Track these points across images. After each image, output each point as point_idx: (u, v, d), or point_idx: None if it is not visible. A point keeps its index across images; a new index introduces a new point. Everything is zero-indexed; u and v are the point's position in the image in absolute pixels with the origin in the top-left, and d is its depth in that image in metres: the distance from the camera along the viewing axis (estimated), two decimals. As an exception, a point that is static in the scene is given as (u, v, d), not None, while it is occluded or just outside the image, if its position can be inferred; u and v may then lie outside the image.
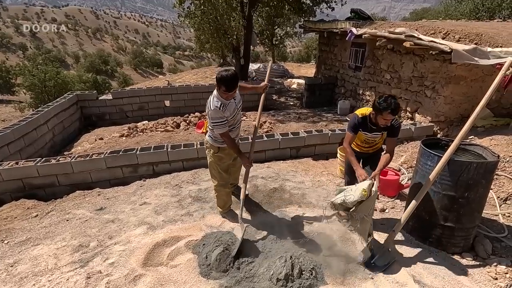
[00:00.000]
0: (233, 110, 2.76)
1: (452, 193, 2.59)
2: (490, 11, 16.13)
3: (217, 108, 2.63)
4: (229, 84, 2.53)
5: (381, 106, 2.51)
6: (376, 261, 2.56)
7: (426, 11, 29.59)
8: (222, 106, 2.65)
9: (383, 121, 2.59)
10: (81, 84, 27.94)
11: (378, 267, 2.52)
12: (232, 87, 2.55)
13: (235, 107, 2.79)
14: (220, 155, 2.94)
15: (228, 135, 2.79)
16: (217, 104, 2.64)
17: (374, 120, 2.67)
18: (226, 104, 2.68)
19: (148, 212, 3.45)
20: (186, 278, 2.41)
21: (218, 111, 2.64)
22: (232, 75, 2.53)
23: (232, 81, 2.53)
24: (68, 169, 4.22)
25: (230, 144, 2.81)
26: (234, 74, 2.55)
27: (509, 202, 3.32)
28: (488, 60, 4.40)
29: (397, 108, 2.52)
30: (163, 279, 2.40)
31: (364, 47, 7.50)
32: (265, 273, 2.30)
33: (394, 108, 2.50)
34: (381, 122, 2.61)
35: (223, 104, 2.65)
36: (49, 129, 6.19)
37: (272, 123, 6.97)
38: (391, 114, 2.51)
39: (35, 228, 3.30)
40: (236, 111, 2.81)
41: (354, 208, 2.53)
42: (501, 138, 4.35)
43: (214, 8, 8.80)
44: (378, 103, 2.54)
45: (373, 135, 2.82)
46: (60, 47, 72.57)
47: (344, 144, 2.88)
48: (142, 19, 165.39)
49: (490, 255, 2.73)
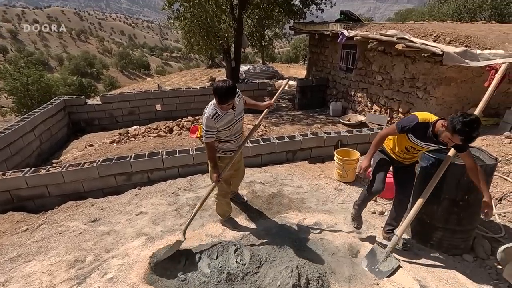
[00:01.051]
0: (227, 121, 2.62)
1: (452, 196, 2.62)
2: (471, 12, 16.65)
3: (209, 117, 2.53)
4: (222, 96, 2.39)
5: (458, 128, 2.00)
6: (380, 267, 2.56)
7: (410, 11, 30.21)
8: (216, 117, 2.53)
9: (448, 140, 2.14)
10: (66, 87, 27.32)
11: (383, 273, 2.52)
12: (225, 100, 2.41)
13: (232, 118, 2.64)
14: (220, 165, 2.86)
15: (210, 147, 2.69)
16: (211, 113, 2.53)
17: (438, 131, 2.22)
18: (222, 115, 2.55)
19: (145, 222, 3.36)
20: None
21: (209, 120, 2.53)
22: (227, 88, 2.37)
23: (226, 94, 2.38)
24: (59, 179, 4.07)
25: (209, 154, 2.74)
26: (230, 87, 2.39)
27: (504, 202, 3.40)
28: (478, 62, 4.51)
29: (475, 138, 2.04)
30: (166, 293, 2.33)
31: (355, 49, 7.57)
32: (271, 284, 2.26)
33: (473, 137, 2.02)
34: (445, 140, 2.16)
35: (217, 114, 2.53)
36: (36, 137, 5.97)
37: (266, 126, 6.94)
38: (464, 142, 2.05)
39: (26, 243, 3.15)
40: (232, 123, 2.67)
41: None
42: (492, 138, 4.46)
43: (204, 10, 8.70)
44: (457, 122, 2.01)
45: (424, 145, 2.40)
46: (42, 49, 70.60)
47: (380, 133, 2.55)
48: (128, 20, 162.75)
49: (489, 255, 2.77)
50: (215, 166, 2.76)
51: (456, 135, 2.03)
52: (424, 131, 2.29)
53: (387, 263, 2.57)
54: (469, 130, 1.98)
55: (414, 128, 2.30)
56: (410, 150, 2.53)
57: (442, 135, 2.17)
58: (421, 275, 2.47)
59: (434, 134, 2.25)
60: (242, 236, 3.01)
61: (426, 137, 2.31)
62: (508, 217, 3.20)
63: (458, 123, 1.99)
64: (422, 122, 2.28)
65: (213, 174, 2.77)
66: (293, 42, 34.40)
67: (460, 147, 2.28)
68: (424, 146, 2.41)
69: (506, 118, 4.73)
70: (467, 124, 1.97)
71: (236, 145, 2.88)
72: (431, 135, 2.27)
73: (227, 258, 2.57)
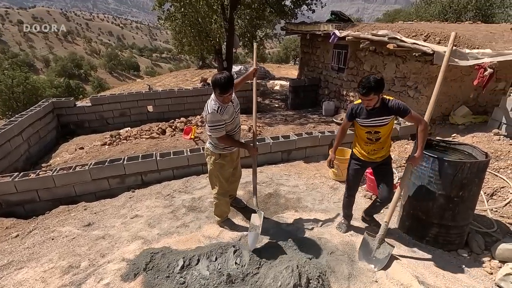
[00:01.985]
0: (231, 113, 2.72)
1: (447, 192, 2.66)
2: (456, 12, 17.09)
3: (214, 111, 2.60)
4: (224, 86, 2.49)
5: (358, 86, 2.49)
6: (376, 254, 2.58)
7: (398, 12, 30.73)
8: (220, 109, 2.61)
9: (364, 102, 2.49)
10: (53, 89, 26.70)
11: (380, 260, 2.54)
12: (227, 89, 2.52)
13: (233, 111, 2.75)
14: (221, 163, 2.87)
15: (226, 138, 2.75)
16: (215, 107, 2.61)
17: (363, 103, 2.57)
18: (225, 107, 2.64)
19: (141, 225, 3.30)
20: (189, 295, 2.31)
21: (216, 114, 2.60)
22: (227, 77, 2.51)
23: (227, 83, 2.50)
24: (50, 183, 3.96)
25: (231, 143, 2.82)
26: (229, 76, 2.53)
27: (495, 197, 3.48)
28: (467, 61, 4.62)
29: (368, 86, 2.36)
30: (165, 297, 2.29)
31: (347, 49, 7.65)
32: (272, 284, 2.25)
33: (364, 85, 2.37)
34: (364, 104, 2.51)
35: (221, 107, 2.62)
36: (24, 140, 5.80)
37: (260, 127, 6.93)
38: (362, 95, 2.42)
39: (17, 249, 3.06)
40: (234, 115, 2.77)
41: None
42: (481, 136, 4.57)
43: (195, 10, 8.64)
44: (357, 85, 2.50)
45: (371, 122, 2.57)
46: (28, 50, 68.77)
47: (339, 130, 2.90)
48: (116, 20, 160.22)
49: (483, 250, 2.84)
50: (243, 145, 2.98)
51: (358, 92, 2.49)
52: (361, 108, 2.62)
53: (381, 249, 2.60)
54: (362, 83, 2.40)
55: (354, 109, 2.66)
56: (372, 138, 2.66)
57: (362, 102, 2.55)
58: (419, 271, 2.50)
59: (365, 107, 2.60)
60: (240, 237, 2.99)
61: (365, 113, 2.60)
62: (500, 212, 3.28)
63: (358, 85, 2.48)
64: (356, 104, 2.68)
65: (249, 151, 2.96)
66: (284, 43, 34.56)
67: (399, 112, 2.50)
68: (371, 123, 2.60)
69: (494, 116, 4.86)
70: (361, 80, 2.44)
71: (237, 139, 2.95)
72: (366, 110, 2.59)
73: (226, 260, 2.55)
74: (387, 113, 2.52)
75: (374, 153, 2.71)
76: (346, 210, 3.12)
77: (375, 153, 2.71)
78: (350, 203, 3.09)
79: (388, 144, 2.74)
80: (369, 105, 2.48)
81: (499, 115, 4.73)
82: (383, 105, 2.52)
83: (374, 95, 2.40)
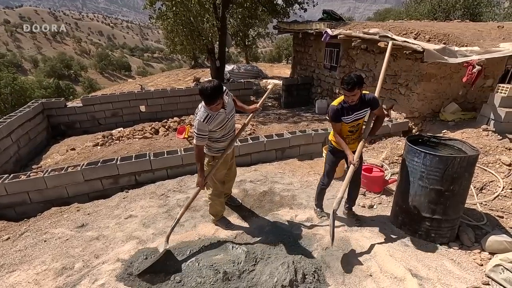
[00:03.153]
0: (220, 121, 2.61)
1: (438, 187, 2.71)
2: (445, 11, 17.40)
3: (201, 120, 2.50)
4: (208, 97, 2.36)
5: (341, 85, 2.64)
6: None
7: (388, 11, 31.14)
8: (208, 119, 2.50)
9: (348, 98, 2.67)
10: (42, 90, 26.24)
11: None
12: (212, 101, 2.38)
13: (224, 117, 2.63)
14: (213, 164, 2.84)
15: (199, 151, 2.66)
16: (202, 116, 2.50)
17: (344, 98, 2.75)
18: (213, 116, 2.53)
19: (136, 225, 3.28)
20: (186, 293, 2.31)
21: (201, 123, 2.50)
22: (213, 87, 2.35)
23: (212, 94, 2.35)
24: (41, 185, 3.90)
25: (197, 157, 2.70)
26: (215, 87, 2.35)
27: (484, 191, 3.56)
28: (456, 59, 4.71)
29: (352, 82, 2.54)
30: (161, 296, 2.28)
31: (339, 47, 7.71)
32: (268, 280, 2.27)
33: (348, 82, 2.56)
34: (348, 100, 2.68)
35: (209, 116, 2.51)
36: (13, 142, 5.69)
37: (254, 125, 6.94)
38: (347, 91, 2.59)
39: (9, 252, 3.00)
40: (225, 122, 2.66)
41: None
42: (471, 131, 4.66)
43: (187, 9, 8.59)
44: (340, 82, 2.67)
45: (354, 117, 2.80)
46: (15, 51, 67.27)
47: (334, 135, 2.93)
48: (106, 20, 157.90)
49: (473, 242, 2.90)
50: (201, 169, 2.74)
51: (342, 89, 2.63)
52: (343, 107, 2.78)
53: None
54: (345, 80, 2.58)
55: (339, 110, 2.78)
56: (353, 130, 2.92)
57: (345, 98, 2.72)
58: (412, 264, 2.55)
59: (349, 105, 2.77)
60: (236, 235, 2.99)
61: (347, 109, 2.77)
62: (489, 205, 3.36)
63: (341, 83, 2.66)
64: (337, 103, 2.81)
65: (198, 179, 2.76)
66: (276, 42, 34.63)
67: (369, 104, 2.79)
68: (354, 117, 2.82)
69: (483, 112, 4.96)
70: (343, 78, 2.62)
71: (226, 145, 2.86)
72: (347, 106, 2.77)
73: (222, 257, 2.55)
74: (366, 105, 2.80)
75: (353, 142, 2.96)
76: (320, 201, 3.37)
77: (353, 142, 2.96)
78: (323, 194, 3.33)
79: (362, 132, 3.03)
80: (353, 100, 2.68)
81: (487, 111, 4.83)
82: (362, 99, 2.76)
83: (358, 89, 2.60)
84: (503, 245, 2.63)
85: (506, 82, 5.71)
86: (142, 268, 2.49)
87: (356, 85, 2.56)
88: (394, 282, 2.34)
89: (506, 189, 3.47)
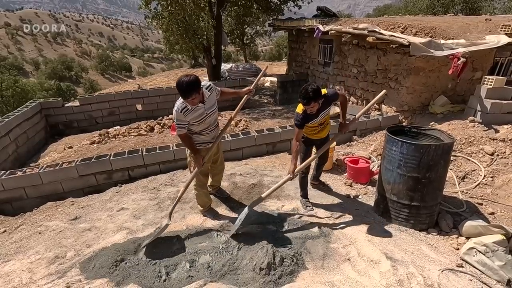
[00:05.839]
0: (198, 115, 2.64)
1: (415, 174, 2.81)
2: (444, 6, 17.35)
3: (178, 110, 2.56)
4: (183, 91, 2.39)
5: (299, 99, 2.71)
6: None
7: (388, 7, 31.05)
8: (185, 111, 2.56)
9: (308, 109, 2.76)
10: (43, 92, 26.49)
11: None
12: (187, 95, 2.40)
13: (202, 112, 2.67)
14: (197, 157, 2.92)
15: (184, 138, 2.75)
16: (179, 107, 2.56)
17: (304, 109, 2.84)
18: (190, 109, 2.57)
19: (127, 217, 3.39)
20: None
21: (178, 113, 2.57)
22: (187, 83, 2.36)
23: (187, 89, 2.37)
24: (37, 181, 4.02)
25: (186, 144, 2.83)
26: (190, 82, 2.37)
27: (466, 180, 3.65)
28: (442, 52, 4.78)
29: (307, 97, 2.62)
30: (146, 281, 2.39)
31: (332, 44, 7.78)
32: (248, 264, 2.37)
33: (304, 97, 2.64)
34: (308, 110, 2.78)
35: (186, 108, 2.56)
36: (12, 141, 5.83)
37: (247, 121, 7.05)
38: (304, 105, 2.71)
39: (4, 244, 3.13)
40: (203, 116, 2.70)
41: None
42: (457, 123, 4.74)
43: (182, 8, 8.68)
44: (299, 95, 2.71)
45: (320, 117, 2.96)
46: (16, 53, 67.67)
47: (293, 141, 3.03)
48: (106, 21, 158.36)
49: (452, 228, 3.00)
50: (196, 153, 2.83)
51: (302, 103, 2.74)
52: (307, 115, 2.88)
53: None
54: (302, 95, 2.67)
55: (303, 118, 2.89)
56: (322, 123, 3.10)
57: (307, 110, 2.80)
58: (389, 249, 2.65)
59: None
60: (222, 224, 3.10)
61: (313, 115, 2.89)
62: (470, 193, 3.44)
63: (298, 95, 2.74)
64: (301, 113, 2.89)
65: (196, 160, 2.83)
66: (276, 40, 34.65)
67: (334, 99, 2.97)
68: (320, 117, 2.97)
69: (470, 104, 5.03)
70: (300, 91, 2.70)
71: (211, 138, 2.95)
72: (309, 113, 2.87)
73: (207, 245, 2.66)
74: (328, 104, 2.95)
75: (321, 132, 3.21)
76: (305, 190, 3.52)
77: (321, 133, 3.22)
78: (306, 182, 3.51)
79: (328, 121, 3.23)
80: (312, 111, 2.82)
81: (474, 103, 4.90)
82: (324, 100, 2.84)
83: (315, 103, 2.69)
84: (477, 229, 2.72)
85: (495, 74, 5.77)
86: (147, 242, 2.66)
87: (312, 100, 2.65)
88: (369, 265, 2.44)
89: (487, 177, 3.55)
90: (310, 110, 2.79)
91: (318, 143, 3.34)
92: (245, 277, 2.30)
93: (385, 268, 2.35)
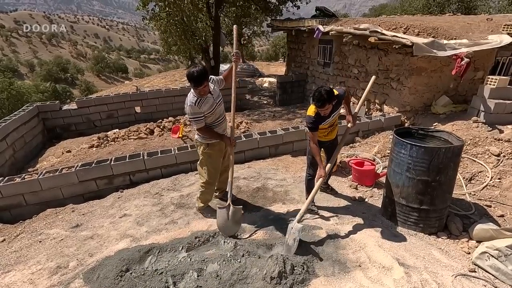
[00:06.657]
0: (210, 105, 2.82)
1: (425, 177, 2.77)
2: (440, 5, 17.42)
3: (192, 103, 2.73)
4: (196, 79, 2.58)
5: (312, 101, 2.75)
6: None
7: (384, 7, 31.14)
8: (198, 102, 2.73)
9: (321, 111, 2.78)
10: (39, 94, 26.20)
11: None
12: (200, 82, 2.61)
13: (212, 102, 2.84)
14: (209, 152, 2.98)
15: (205, 129, 2.88)
16: (193, 100, 2.73)
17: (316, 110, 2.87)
18: (203, 100, 2.75)
19: (130, 224, 3.31)
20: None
21: (194, 107, 2.73)
22: (198, 71, 2.59)
23: (199, 76, 2.59)
24: (36, 187, 3.93)
25: (209, 134, 2.92)
26: (201, 70, 2.61)
27: (473, 182, 3.62)
28: (445, 52, 4.76)
29: (322, 100, 2.64)
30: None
31: (331, 44, 7.75)
32: (258, 273, 2.31)
33: (318, 99, 2.66)
34: (321, 112, 2.80)
35: (199, 100, 2.73)
36: (9, 145, 5.71)
37: (248, 123, 6.98)
38: (318, 108, 2.73)
39: (4, 253, 3.04)
40: (215, 106, 2.87)
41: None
42: (461, 123, 4.71)
43: (180, 9, 8.61)
44: (312, 98, 2.76)
45: (331, 118, 2.99)
46: (11, 55, 66.93)
47: (311, 145, 2.99)
48: (101, 22, 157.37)
49: (461, 232, 2.96)
50: (221, 137, 2.96)
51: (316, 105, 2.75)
52: (319, 116, 2.89)
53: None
54: (316, 97, 2.68)
55: (315, 120, 2.90)
56: (332, 124, 3.13)
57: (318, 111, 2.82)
58: (400, 254, 2.60)
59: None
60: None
61: (323, 117, 2.90)
62: (478, 195, 3.41)
63: (311, 98, 2.78)
64: (313, 113, 2.90)
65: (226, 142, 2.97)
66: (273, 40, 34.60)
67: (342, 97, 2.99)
68: (332, 118, 3.00)
69: (473, 104, 5.01)
70: (314, 94, 2.72)
71: (222, 130, 3.03)
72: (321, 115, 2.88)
73: (213, 252, 2.60)
74: (339, 103, 2.97)
75: (331, 133, 3.21)
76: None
77: (330, 134, 3.22)
78: (313, 185, 3.28)
79: (337, 121, 3.26)
80: (326, 113, 2.83)
81: (477, 103, 4.88)
82: (337, 101, 2.87)
83: (329, 104, 2.71)
84: (489, 233, 2.69)
85: (496, 74, 5.76)
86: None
87: (326, 101, 2.66)
88: (381, 271, 2.39)
89: (494, 179, 3.53)
90: (324, 112, 2.80)
91: (327, 144, 3.30)
92: (255, 287, 2.23)
93: (399, 275, 2.30)
